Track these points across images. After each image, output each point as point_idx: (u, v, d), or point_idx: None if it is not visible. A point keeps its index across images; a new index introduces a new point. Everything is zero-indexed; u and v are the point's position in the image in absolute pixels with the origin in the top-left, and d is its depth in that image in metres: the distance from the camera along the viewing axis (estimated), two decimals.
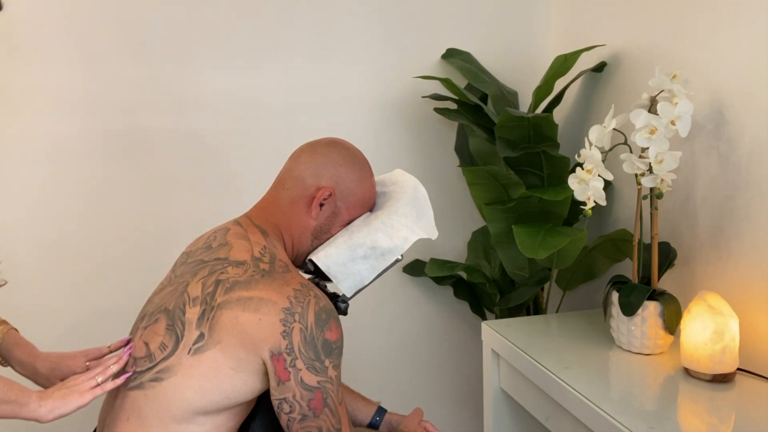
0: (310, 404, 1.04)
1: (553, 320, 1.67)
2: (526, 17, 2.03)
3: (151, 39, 1.76)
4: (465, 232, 2.04)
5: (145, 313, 1.15)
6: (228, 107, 1.83)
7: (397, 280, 2.03)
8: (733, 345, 1.26)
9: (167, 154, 1.81)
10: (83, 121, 1.74)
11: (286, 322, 1.03)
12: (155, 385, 1.05)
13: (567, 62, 1.77)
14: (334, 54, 1.89)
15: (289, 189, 1.19)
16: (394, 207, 1.21)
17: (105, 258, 1.80)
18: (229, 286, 1.07)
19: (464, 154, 1.97)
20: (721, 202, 1.43)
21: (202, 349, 1.04)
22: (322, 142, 1.23)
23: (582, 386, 1.27)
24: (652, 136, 1.30)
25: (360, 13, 1.90)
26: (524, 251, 1.49)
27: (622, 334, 1.42)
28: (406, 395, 2.07)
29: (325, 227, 1.20)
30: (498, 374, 1.60)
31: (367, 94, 1.94)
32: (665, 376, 1.33)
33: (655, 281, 1.43)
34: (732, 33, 1.38)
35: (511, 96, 1.93)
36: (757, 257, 1.34)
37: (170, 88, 1.78)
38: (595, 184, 1.35)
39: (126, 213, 1.80)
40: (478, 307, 1.98)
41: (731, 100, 1.39)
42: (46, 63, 1.70)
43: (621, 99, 1.73)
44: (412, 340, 2.09)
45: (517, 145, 1.65)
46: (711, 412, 1.20)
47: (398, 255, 1.19)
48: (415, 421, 1.33)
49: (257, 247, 1.13)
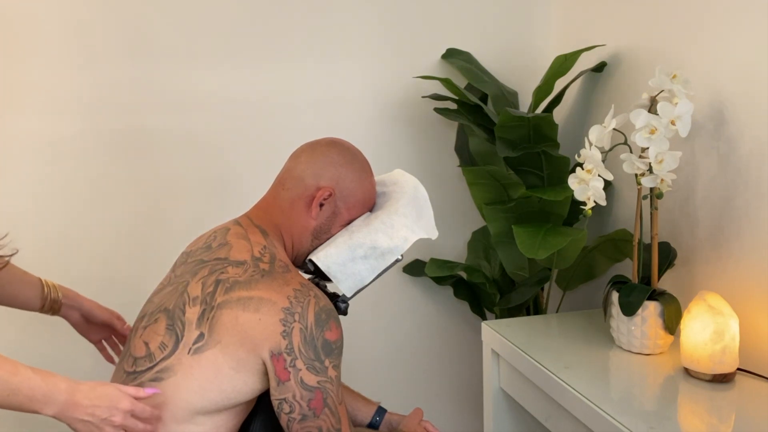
0: (310, 404, 1.04)
1: (553, 320, 1.66)
2: (526, 17, 2.03)
3: (150, 39, 1.76)
4: (465, 232, 2.04)
5: (145, 312, 1.15)
6: (228, 107, 1.83)
7: (397, 280, 2.03)
8: (733, 345, 1.26)
9: (167, 153, 1.81)
10: (83, 121, 1.73)
11: (286, 322, 1.03)
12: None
13: (567, 62, 1.77)
14: (334, 54, 1.89)
15: (289, 189, 1.19)
16: (394, 207, 1.21)
17: (104, 258, 1.80)
18: (229, 286, 1.07)
19: (464, 154, 1.97)
20: (721, 202, 1.43)
21: (202, 349, 1.04)
22: (322, 142, 1.23)
23: (582, 386, 1.27)
24: (652, 136, 1.30)
25: (360, 13, 1.90)
26: (524, 251, 1.49)
27: (622, 334, 1.42)
28: (406, 395, 2.07)
29: (325, 227, 1.20)
30: (498, 374, 1.60)
31: (367, 94, 1.94)
32: (665, 376, 1.33)
33: (655, 281, 1.43)
34: (732, 33, 1.38)
35: (511, 96, 1.93)
36: (757, 257, 1.34)
37: (170, 87, 1.78)
38: (595, 184, 1.35)
39: (126, 213, 1.80)
40: (478, 307, 1.98)
41: (731, 100, 1.39)
42: (46, 63, 1.69)
43: (621, 99, 1.73)
44: (412, 340, 2.08)
45: (517, 145, 1.65)
46: (711, 412, 1.20)
47: (398, 255, 1.19)
48: (415, 421, 1.33)
49: (257, 247, 1.13)
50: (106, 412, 0.95)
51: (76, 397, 0.94)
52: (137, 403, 0.99)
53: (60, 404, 0.93)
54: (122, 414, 0.96)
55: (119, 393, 0.97)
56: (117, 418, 0.96)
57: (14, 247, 1.18)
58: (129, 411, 0.97)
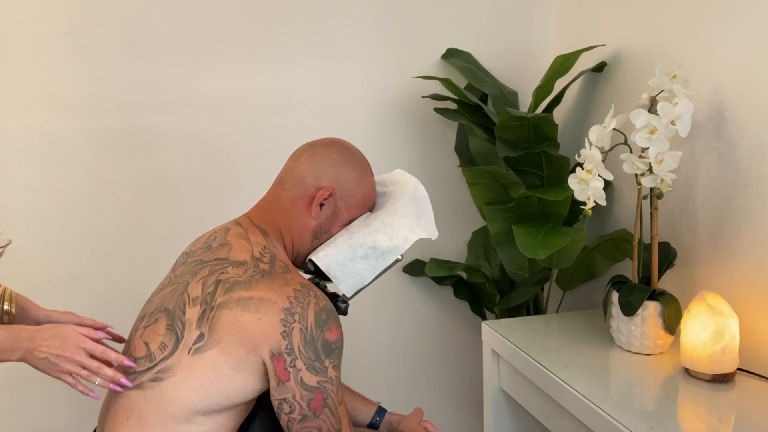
0: (310, 404, 1.04)
1: (553, 320, 1.66)
2: (526, 17, 2.03)
3: (150, 38, 1.76)
4: (465, 232, 2.04)
5: (145, 312, 1.15)
6: (228, 107, 1.83)
7: (397, 280, 2.03)
8: (733, 345, 1.26)
9: (167, 153, 1.81)
10: (82, 121, 1.73)
11: (286, 323, 1.03)
12: (155, 385, 1.05)
13: (567, 62, 1.77)
14: (334, 54, 1.89)
15: (290, 189, 1.19)
16: (394, 207, 1.21)
17: (104, 258, 1.80)
18: (229, 286, 1.07)
19: (464, 154, 1.97)
20: (721, 202, 1.43)
21: (202, 349, 1.04)
22: (322, 142, 1.23)
23: (582, 386, 1.27)
24: (652, 136, 1.30)
25: (360, 13, 1.90)
26: (524, 251, 1.49)
27: (622, 334, 1.42)
28: (406, 395, 2.07)
29: (325, 227, 1.20)
30: (498, 374, 1.60)
31: (367, 94, 1.94)
32: (665, 376, 1.33)
33: (655, 281, 1.43)
34: (732, 33, 1.38)
35: (511, 96, 1.93)
36: (757, 257, 1.34)
37: (170, 87, 1.78)
38: (595, 184, 1.35)
39: (125, 213, 1.80)
40: (478, 307, 1.98)
41: (731, 100, 1.39)
42: (45, 62, 1.69)
43: (621, 99, 1.73)
44: (412, 340, 2.09)
45: (517, 145, 1.65)
46: (711, 412, 1.20)
47: (398, 255, 1.19)
48: (415, 420, 1.33)
49: (257, 248, 1.13)
50: (58, 348, 1.03)
51: (35, 339, 1.03)
52: (93, 342, 1.05)
53: (23, 348, 1.02)
54: (73, 348, 1.03)
55: (71, 330, 1.05)
56: (68, 353, 1.02)
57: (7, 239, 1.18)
58: (80, 347, 1.03)
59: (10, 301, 1.22)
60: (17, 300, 1.24)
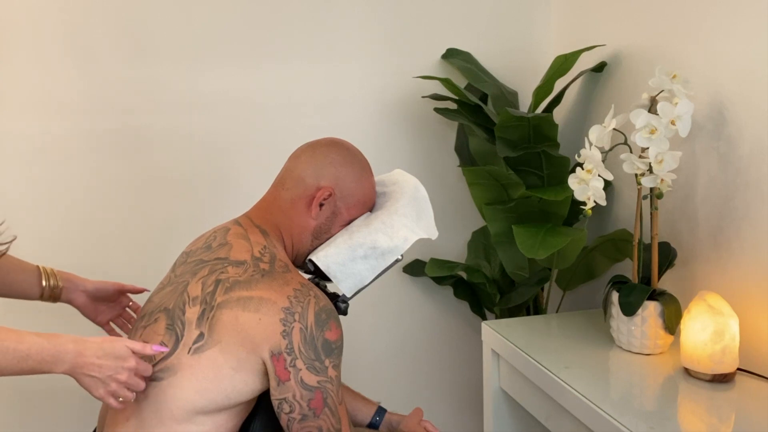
0: (310, 404, 1.04)
1: (553, 320, 1.66)
2: (526, 17, 2.03)
3: (150, 38, 1.76)
4: (465, 232, 2.04)
5: (145, 312, 1.15)
6: (228, 107, 1.83)
7: (397, 280, 2.03)
8: (733, 345, 1.26)
9: (167, 153, 1.81)
10: (82, 121, 1.73)
11: (286, 322, 1.03)
12: (155, 384, 1.05)
13: (567, 62, 1.77)
14: (334, 54, 1.89)
15: (289, 189, 1.19)
16: (394, 207, 1.21)
17: (104, 258, 1.80)
18: (229, 285, 1.07)
19: (464, 154, 1.97)
20: (721, 202, 1.43)
21: (202, 349, 1.04)
22: (322, 142, 1.23)
23: (582, 386, 1.27)
24: (652, 136, 1.30)
25: (360, 13, 1.90)
26: (524, 251, 1.49)
27: (622, 334, 1.42)
28: (406, 395, 2.07)
29: (325, 227, 1.20)
30: (498, 374, 1.60)
31: (367, 94, 1.94)
32: (665, 376, 1.33)
33: (655, 281, 1.43)
34: (732, 33, 1.38)
35: (511, 96, 1.93)
36: (757, 257, 1.34)
37: (170, 87, 1.78)
38: (595, 184, 1.35)
39: (125, 213, 1.80)
40: (478, 307, 1.98)
41: (731, 100, 1.39)
42: (45, 63, 1.69)
43: (621, 99, 1.73)
44: (412, 339, 2.09)
45: (517, 145, 1.65)
46: (711, 412, 1.20)
47: (398, 255, 1.19)
48: (415, 420, 1.33)
49: (257, 247, 1.13)
50: (112, 369, 0.98)
51: (85, 354, 0.97)
52: (141, 361, 1.02)
53: (69, 362, 0.96)
54: (127, 372, 0.99)
55: (126, 351, 1.00)
56: (122, 376, 0.98)
57: (12, 234, 1.18)
58: (134, 369, 1.00)
59: (54, 277, 1.24)
60: (59, 275, 1.25)
